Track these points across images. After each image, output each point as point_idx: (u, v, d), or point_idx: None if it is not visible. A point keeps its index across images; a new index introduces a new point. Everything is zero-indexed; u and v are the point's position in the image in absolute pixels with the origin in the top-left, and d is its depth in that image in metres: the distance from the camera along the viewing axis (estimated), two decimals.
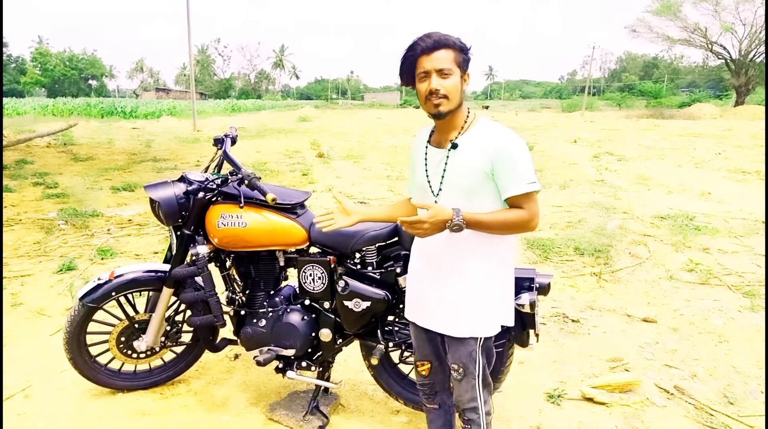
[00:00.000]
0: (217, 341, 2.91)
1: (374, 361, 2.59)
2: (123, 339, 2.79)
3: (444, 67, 1.73)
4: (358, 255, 2.55)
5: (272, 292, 2.70)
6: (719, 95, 51.50)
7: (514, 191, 1.73)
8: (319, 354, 2.69)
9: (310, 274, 2.56)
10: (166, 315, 2.80)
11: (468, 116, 1.84)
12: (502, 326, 1.95)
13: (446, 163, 1.83)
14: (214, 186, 2.53)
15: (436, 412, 2.26)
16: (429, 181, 1.89)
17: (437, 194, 1.87)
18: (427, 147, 1.93)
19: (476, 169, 1.76)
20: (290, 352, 2.62)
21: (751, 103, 37.71)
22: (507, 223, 1.75)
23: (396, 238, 2.49)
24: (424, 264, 1.99)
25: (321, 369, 2.73)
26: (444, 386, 2.23)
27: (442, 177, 1.84)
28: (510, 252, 1.93)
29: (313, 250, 2.65)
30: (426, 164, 1.91)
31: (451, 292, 1.90)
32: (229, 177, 2.50)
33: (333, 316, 2.60)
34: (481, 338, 1.91)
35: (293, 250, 2.65)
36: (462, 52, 1.76)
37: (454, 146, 1.80)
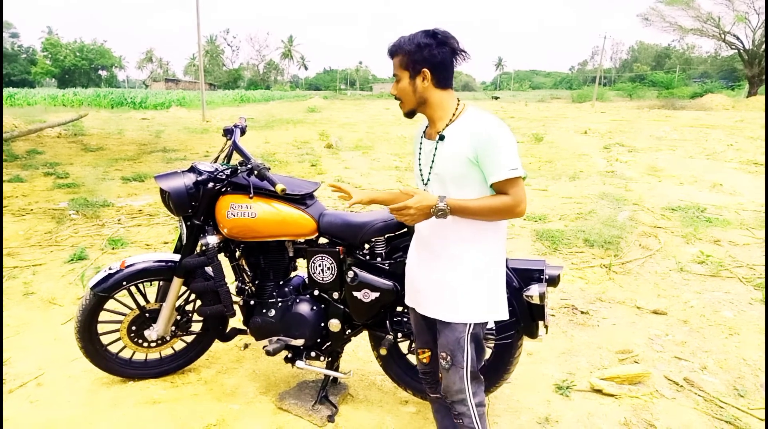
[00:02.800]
0: (227, 331, 2.94)
1: (383, 352, 2.60)
2: (134, 328, 2.82)
3: (395, 73, 1.88)
4: (367, 246, 2.56)
5: (281, 283, 2.72)
6: (731, 86, 50.84)
7: (497, 177, 1.76)
8: (328, 344, 2.71)
9: (319, 265, 2.57)
10: (177, 304, 2.82)
11: (458, 107, 1.88)
12: (497, 322, 1.95)
13: (434, 154, 1.88)
14: (224, 176, 2.54)
15: (440, 401, 2.27)
16: (420, 171, 1.96)
17: (426, 183, 1.93)
18: (421, 140, 2.00)
19: (461, 157, 1.80)
20: (299, 342, 2.64)
21: (764, 93, 37.11)
22: (492, 209, 1.77)
23: (405, 229, 2.49)
24: (418, 249, 2.05)
25: (330, 359, 2.74)
26: None
27: (431, 167, 1.89)
28: (500, 241, 1.95)
29: (323, 240, 2.65)
30: (420, 155, 1.98)
31: (439, 276, 1.93)
32: (239, 167, 2.50)
33: (342, 307, 2.60)
34: (469, 325, 1.92)
35: (302, 240, 2.66)
36: (412, 53, 1.81)
37: (441, 138, 1.86)
